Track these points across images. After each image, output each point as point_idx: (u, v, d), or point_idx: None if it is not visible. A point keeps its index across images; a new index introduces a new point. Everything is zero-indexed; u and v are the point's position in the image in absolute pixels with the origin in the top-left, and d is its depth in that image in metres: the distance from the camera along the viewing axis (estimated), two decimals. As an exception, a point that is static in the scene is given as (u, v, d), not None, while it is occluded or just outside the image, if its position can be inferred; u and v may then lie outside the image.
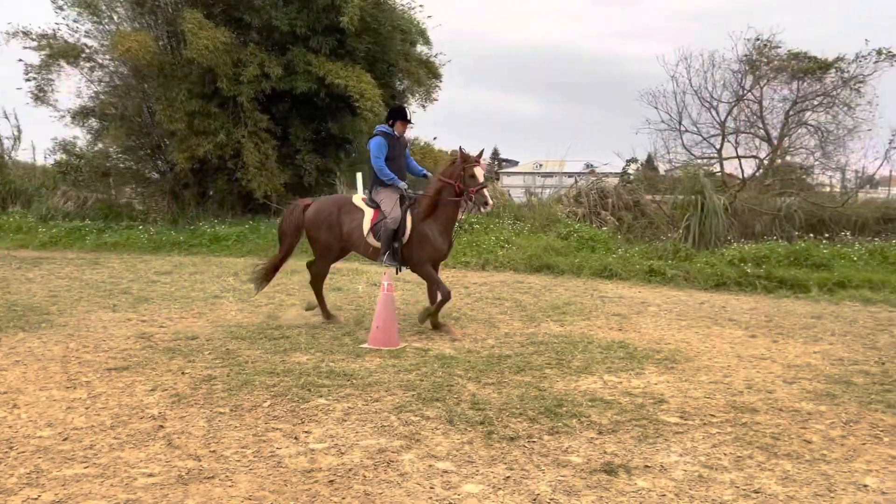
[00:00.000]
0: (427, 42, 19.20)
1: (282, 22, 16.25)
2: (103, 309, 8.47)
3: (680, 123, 16.00)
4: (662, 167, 17.80)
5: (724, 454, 4.05)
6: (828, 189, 16.61)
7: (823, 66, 14.61)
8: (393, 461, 3.86)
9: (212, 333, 7.09)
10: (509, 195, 18.64)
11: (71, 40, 18.05)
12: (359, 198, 7.54)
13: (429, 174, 7.69)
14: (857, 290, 10.05)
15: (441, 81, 19.69)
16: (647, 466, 3.84)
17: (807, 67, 14.68)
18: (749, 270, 10.93)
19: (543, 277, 11.84)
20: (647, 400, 5.03)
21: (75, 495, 3.42)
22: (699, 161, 15.95)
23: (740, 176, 15.58)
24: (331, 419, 4.53)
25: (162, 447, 4.06)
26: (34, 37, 17.91)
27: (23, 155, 23.85)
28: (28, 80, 18.17)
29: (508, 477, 3.67)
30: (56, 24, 20.47)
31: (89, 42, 18.20)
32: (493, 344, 6.77)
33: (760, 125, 15.43)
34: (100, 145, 19.32)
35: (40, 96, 18.24)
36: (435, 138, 26.59)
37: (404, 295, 9.60)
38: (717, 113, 15.74)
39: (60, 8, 17.87)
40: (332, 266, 7.90)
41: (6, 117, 22.70)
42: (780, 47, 15.09)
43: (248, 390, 5.13)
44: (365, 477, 3.67)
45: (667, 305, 9.24)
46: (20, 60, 18.48)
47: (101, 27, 18.16)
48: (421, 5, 19.39)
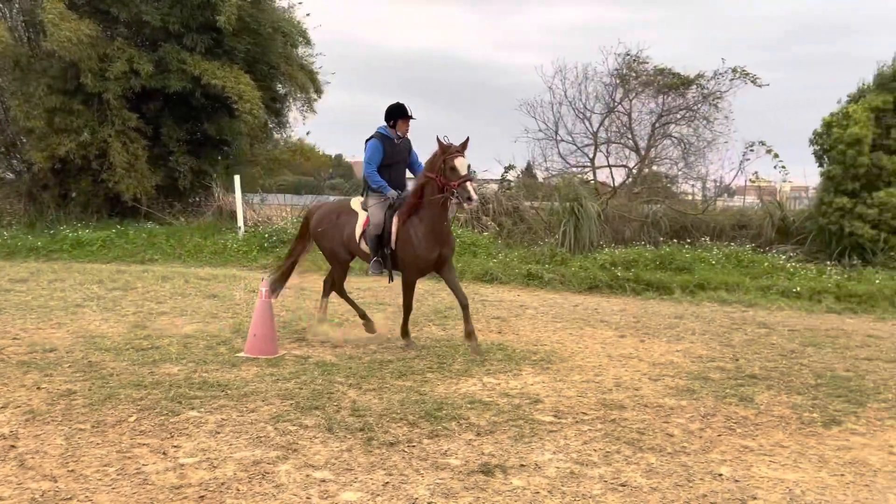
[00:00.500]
0: (308, 43, 18.90)
1: (153, 17, 15.47)
2: (-54, 321, 7.71)
3: (556, 133, 16.63)
4: (541, 175, 18.39)
5: (595, 450, 4.23)
6: (690, 197, 17.75)
7: (686, 82, 15.64)
8: (268, 473, 3.75)
9: (72, 345, 6.62)
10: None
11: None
12: (357, 202, 7.05)
13: None
14: (715, 291, 10.81)
15: (320, 93, 19.41)
16: (522, 465, 3.95)
17: (671, 83, 15.66)
18: (619, 274, 11.50)
19: (426, 282, 11.88)
20: (524, 400, 5.18)
21: None
22: (574, 169, 16.63)
23: (612, 184, 16.37)
24: (202, 432, 4.34)
25: (13, 468, 3.75)
26: None
27: None
28: None
29: (387, 483, 3.66)
30: None
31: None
32: (375, 349, 6.74)
33: (630, 136, 16.30)
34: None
35: None
36: (308, 133, 26.11)
37: (285, 301, 9.37)
38: (591, 124, 16.48)
39: None
40: (209, 272, 7.59)
41: None
42: (647, 63, 16.01)
43: (112, 405, 4.83)
44: (238, 490, 3.54)
45: (543, 308, 9.55)
46: None
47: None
48: (300, 2, 18.91)
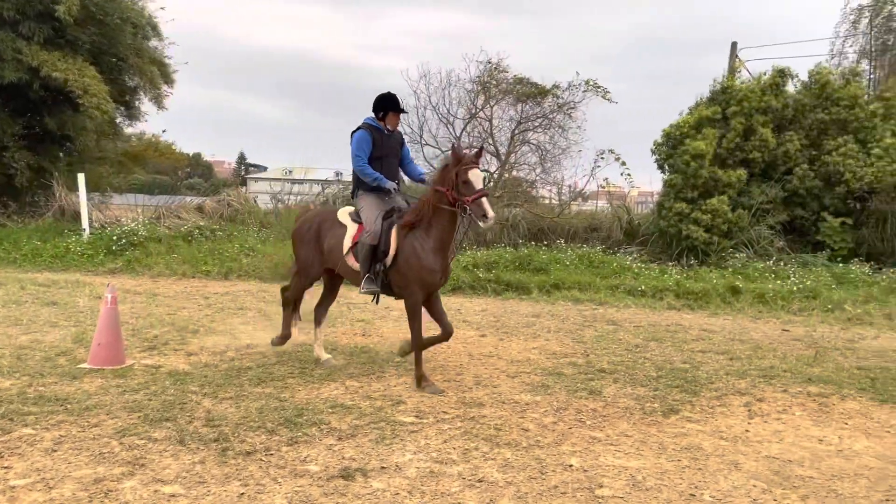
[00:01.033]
0: (159, 36, 17.99)
1: (-17, 1, 14.13)
2: None
3: (421, 137, 16.84)
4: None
5: (454, 448, 4.32)
6: (548, 201, 18.56)
7: (542, 92, 16.35)
8: (112, 490, 3.52)
9: None
10: (255, 201, 18.13)
11: None
12: (345, 213, 6.16)
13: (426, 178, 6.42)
14: (569, 290, 11.36)
15: (172, 86, 18.52)
16: (383, 467, 3.96)
17: (529, 92, 16.31)
18: (481, 275, 11.82)
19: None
20: (386, 402, 5.20)
21: None
22: (438, 173, 16.90)
23: (474, 188, 16.79)
24: (38, 450, 4.01)
25: None
26: None
27: None
28: None
29: (243, 493, 3.55)
30: None
31: None
32: (233, 356, 6.51)
33: (491, 141, 16.80)
34: None
35: None
36: (164, 131, 24.90)
37: (135, 308, 8.84)
38: (454, 128, 16.84)
39: None
40: (49, 277, 7.00)
41: None
42: (507, 72, 16.60)
43: (-71, 426, 4.35)
44: (78, 512, 3.30)
45: (408, 310, 9.61)
46: None
47: None
48: (151, -8, 18.01)
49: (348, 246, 5.89)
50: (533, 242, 14.46)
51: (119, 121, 18.76)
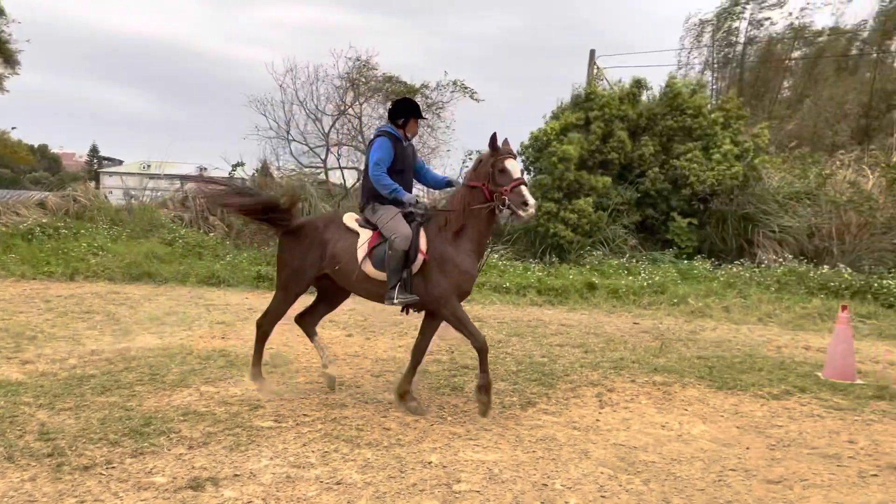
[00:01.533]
0: (2, 13, 16.44)
1: None
2: None
3: (288, 133, 16.45)
4: (277, 175, 18.09)
5: (313, 451, 4.23)
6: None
7: (412, 91, 16.42)
8: (-78, 518, 3.17)
9: None
10: (106, 197, 16.99)
11: None
12: (350, 218, 5.47)
13: (454, 180, 5.78)
14: (438, 289, 11.47)
15: (15, 68, 17.00)
16: (236, 475, 3.81)
17: (399, 90, 16.33)
18: (350, 274, 11.69)
19: (144, 287, 11.02)
20: (244, 407, 5.01)
21: None
22: (307, 170, 16.58)
23: (344, 185, 16.62)
24: None
25: None
26: None
27: None
28: None
29: (78, 512, 3.30)
30: None
31: None
32: (75, 364, 6.04)
33: (360, 139, 16.68)
34: None
35: None
36: (14, 128, 22.87)
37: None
38: (322, 125, 16.59)
39: None
40: None
41: None
42: (376, 69, 16.56)
43: None
44: None
45: (272, 311, 9.35)
46: None
47: None
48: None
49: (363, 253, 5.18)
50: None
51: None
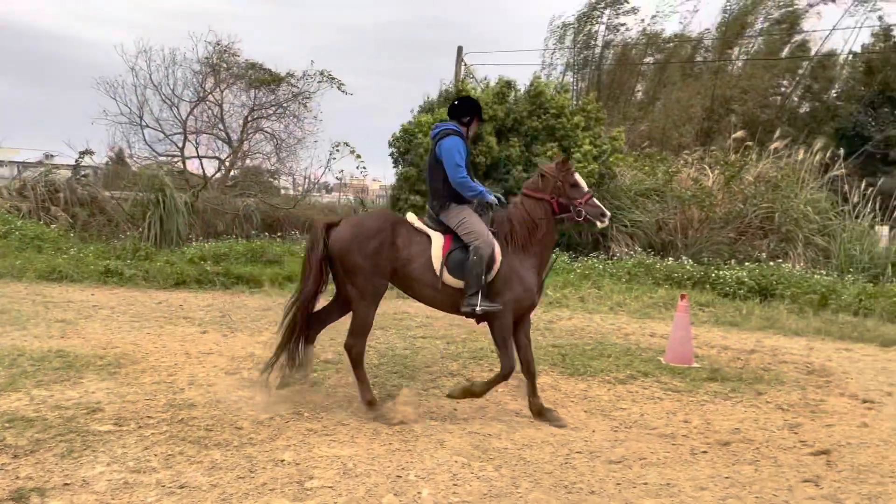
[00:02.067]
0: None
1: None
2: None
3: (141, 118, 15.50)
4: (132, 164, 17.04)
5: (155, 455, 4.01)
6: (291, 192, 18.26)
7: (276, 80, 15.98)
8: None
9: None
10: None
11: None
12: (415, 218, 5.21)
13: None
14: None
15: None
16: (66, 484, 3.54)
17: (262, 78, 15.84)
18: (209, 268, 11.20)
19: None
20: (80, 411, 4.66)
21: None
22: (162, 158, 15.72)
23: (203, 175, 15.90)
24: None
25: None
26: None
27: None
28: None
29: None
30: None
31: None
32: None
33: (222, 127, 16.04)
34: None
35: None
36: None
37: None
38: (179, 111, 15.76)
39: None
40: None
41: None
42: (238, 56, 15.94)
43: None
44: None
45: (121, 307, 8.79)
46: None
47: None
48: None
49: (440, 260, 5.00)
50: (267, 234, 14.10)
51: None
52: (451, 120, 5.34)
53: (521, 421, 5.06)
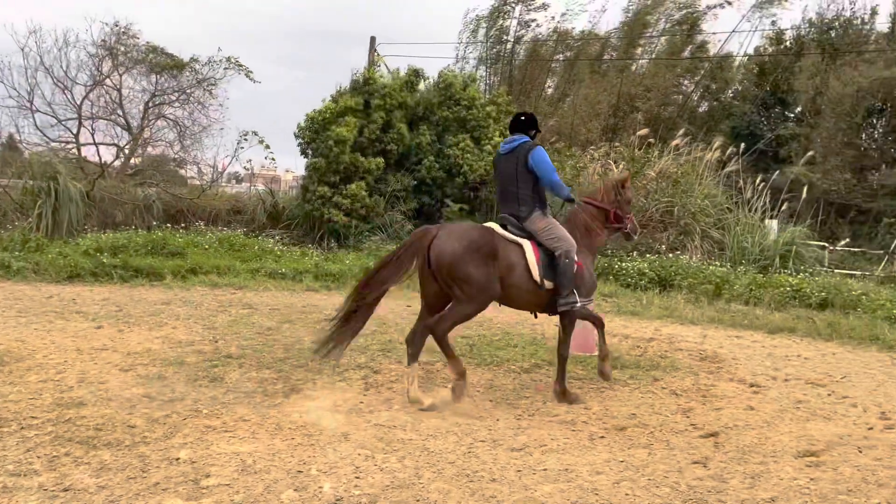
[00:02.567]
0: None
1: None
2: None
3: (31, 102, 14.57)
4: (23, 148, 16.00)
5: (38, 457, 3.79)
6: (197, 182, 17.60)
7: (179, 65, 15.36)
8: None
9: None
10: None
11: None
12: (497, 227, 5.50)
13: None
14: (207, 275, 10.90)
15: None
16: (-66, 493, 3.29)
17: (164, 63, 15.19)
18: (106, 260, 10.68)
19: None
20: (-45, 413, 4.35)
21: None
22: (55, 145, 14.84)
23: (100, 163, 15.13)
24: None
25: None
26: None
27: None
28: None
29: None
30: None
31: None
32: None
33: (120, 113, 15.30)
34: None
35: None
36: None
37: None
38: (73, 95, 14.91)
39: None
40: None
41: None
42: (138, 38, 15.22)
43: None
44: None
45: (8, 302, 8.28)
46: None
47: None
48: None
49: (538, 267, 5.39)
50: (169, 225, 13.57)
51: None
52: (517, 133, 5.73)
53: (427, 412, 5.08)
